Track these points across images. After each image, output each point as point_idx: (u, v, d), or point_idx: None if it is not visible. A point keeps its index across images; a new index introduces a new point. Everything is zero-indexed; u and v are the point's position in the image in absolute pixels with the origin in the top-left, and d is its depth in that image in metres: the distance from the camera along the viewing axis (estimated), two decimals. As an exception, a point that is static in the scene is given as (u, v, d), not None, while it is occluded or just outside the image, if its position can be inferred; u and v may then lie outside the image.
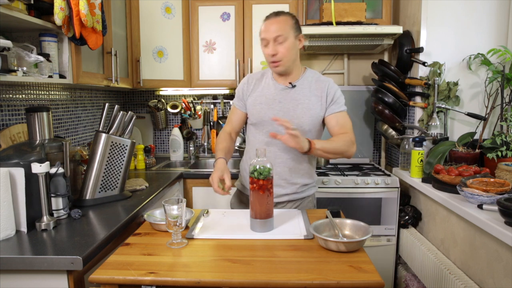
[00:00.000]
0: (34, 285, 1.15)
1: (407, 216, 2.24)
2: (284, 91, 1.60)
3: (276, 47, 1.50)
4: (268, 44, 1.52)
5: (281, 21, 1.50)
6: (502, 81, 1.99)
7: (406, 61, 2.38)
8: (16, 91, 1.75)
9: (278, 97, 1.60)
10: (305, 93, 1.60)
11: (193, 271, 1.06)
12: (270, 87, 1.63)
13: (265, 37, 1.51)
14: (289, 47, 1.51)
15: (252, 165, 1.31)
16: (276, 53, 1.51)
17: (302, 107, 1.58)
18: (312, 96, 1.59)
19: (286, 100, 1.59)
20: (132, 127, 1.77)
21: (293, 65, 1.58)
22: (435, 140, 2.20)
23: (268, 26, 1.51)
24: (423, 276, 1.99)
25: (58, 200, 1.44)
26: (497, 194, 1.56)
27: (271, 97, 1.61)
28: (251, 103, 1.64)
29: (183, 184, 2.44)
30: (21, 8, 1.38)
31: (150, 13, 2.53)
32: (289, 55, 1.53)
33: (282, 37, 1.49)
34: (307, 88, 1.61)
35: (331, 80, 1.64)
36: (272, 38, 1.49)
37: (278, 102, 1.59)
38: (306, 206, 1.69)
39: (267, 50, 1.53)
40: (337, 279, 1.01)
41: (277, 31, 1.48)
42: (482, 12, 2.20)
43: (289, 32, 1.50)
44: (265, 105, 1.60)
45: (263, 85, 1.65)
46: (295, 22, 1.54)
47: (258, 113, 1.61)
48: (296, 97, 1.59)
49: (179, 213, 1.21)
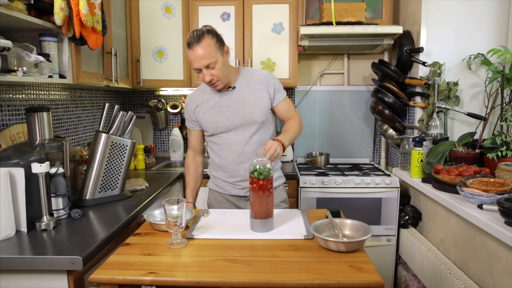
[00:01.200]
0: (34, 285, 1.15)
1: (407, 216, 2.24)
2: (227, 95, 1.67)
3: (209, 72, 1.54)
4: (201, 72, 1.55)
5: (205, 47, 1.49)
6: (502, 81, 1.99)
7: (406, 61, 2.38)
8: (16, 91, 1.75)
9: (224, 103, 1.67)
10: (246, 90, 1.67)
11: (193, 271, 1.07)
12: (213, 96, 1.69)
13: (197, 67, 1.54)
14: (221, 67, 1.56)
15: (252, 165, 1.31)
16: (212, 79, 1.56)
17: (248, 104, 1.65)
18: (254, 91, 1.67)
19: (232, 103, 1.66)
20: (132, 127, 1.77)
21: (228, 76, 1.63)
22: (435, 140, 2.20)
23: (195, 56, 1.51)
24: (423, 276, 1.99)
25: (58, 200, 1.44)
26: (497, 194, 1.56)
27: (217, 105, 1.67)
28: (202, 118, 1.70)
29: (183, 184, 2.44)
30: (21, 8, 1.38)
31: (150, 13, 2.53)
32: (223, 73, 1.58)
33: (212, 63, 1.52)
34: (247, 86, 1.68)
35: (265, 71, 1.72)
36: (203, 66, 1.52)
37: (225, 107, 1.66)
38: (279, 195, 1.79)
39: (202, 76, 1.56)
40: (337, 279, 1.01)
41: (204, 59, 1.50)
42: (482, 12, 2.20)
43: (216, 55, 1.53)
44: (215, 114, 1.67)
45: (205, 98, 1.70)
46: (217, 40, 1.55)
47: (211, 123, 1.68)
48: (240, 97, 1.66)
49: (179, 213, 1.21)
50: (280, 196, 1.81)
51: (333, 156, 2.88)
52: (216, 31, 1.57)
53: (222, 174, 1.75)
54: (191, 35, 1.52)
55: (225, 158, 1.70)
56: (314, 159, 2.79)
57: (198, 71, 1.57)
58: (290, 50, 2.59)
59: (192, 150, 1.83)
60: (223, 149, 1.70)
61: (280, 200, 1.80)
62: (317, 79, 2.94)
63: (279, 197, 1.80)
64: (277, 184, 1.79)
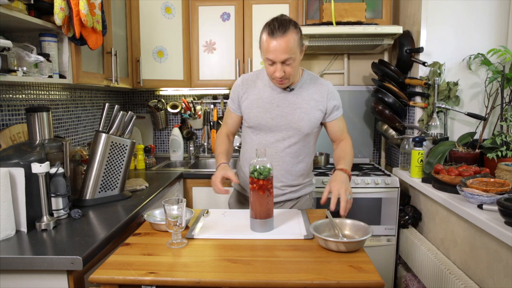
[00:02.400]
0: (34, 285, 1.15)
1: (407, 216, 2.24)
2: (282, 94, 1.55)
3: (284, 68, 1.42)
4: (273, 64, 1.42)
5: (289, 41, 1.36)
6: (502, 81, 1.99)
7: (406, 61, 2.38)
8: (16, 91, 1.75)
9: (276, 101, 1.55)
10: (303, 96, 1.56)
11: (193, 271, 1.07)
12: (267, 90, 1.57)
13: (273, 59, 1.40)
14: (296, 65, 1.45)
15: (252, 165, 1.31)
16: (283, 75, 1.43)
17: (300, 111, 1.54)
18: (311, 100, 1.56)
19: (284, 104, 1.54)
20: (132, 127, 1.77)
21: (296, 76, 1.53)
22: (435, 140, 2.20)
23: (276, 47, 1.37)
24: (423, 276, 1.99)
25: (58, 200, 1.44)
26: (497, 194, 1.56)
27: (268, 100, 1.55)
28: (247, 107, 1.58)
29: (183, 184, 2.44)
30: (21, 8, 1.38)
31: (150, 13, 2.53)
32: (295, 72, 1.47)
33: (290, 59, 1.40)
34: (305, 92, 1.56)
35: (329, 84, 1.61)
36: (281, 60, 1.39)
37: (276, 106, 1.55)
38: (304, 205, 1.69)
39: (272, 70, 1.43)
40: (337, 279, 1.01)
41: (286, 53, 1.37)
42: (482, 12, 2.19)
43: (296, 51, 1.41)
44: (262, 109, 1.55)
45: (259, 88, 1.58)
46: (300, 36, 1.43)
47: (255, 118, 1.57)
48: (295, 100, 1.55)
49: (179, 213, 1.22)
50: (305, 206, 1.69)
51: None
52: (298, 25, 1.43)
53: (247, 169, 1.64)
54: (274, 23, 1.37)
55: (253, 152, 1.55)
56: (314, 159, 2.79)
57: (270, 63, 1.42)
58: (290, 50, 2.59)
59: (226, 128, 1.68)
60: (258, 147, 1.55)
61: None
62: (317, 79, 2.94)
63: (304, 207, 1.68)
64: (303, 193, 1.68)
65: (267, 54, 1.41)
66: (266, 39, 1.40)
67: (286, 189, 1.64)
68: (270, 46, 1.38)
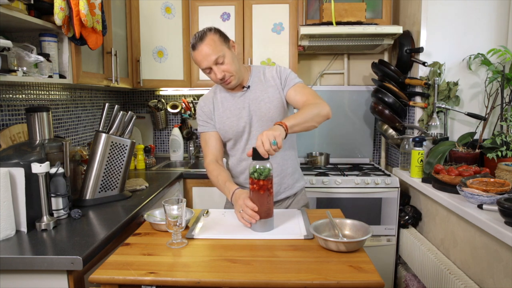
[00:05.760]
0: (34, 285, 1.15)
1: (407, 216, 2.24)
2: (243, 96, 1.59)
3: (220, 68, 1.48)
4: (211, 71, 1.49)
5: (209, 43, 1.44)
6: (502, 81, 1.99)
7: (406, 61, 2.38)
8: (16, 91, 1.75)
9: (241, 104, 1.59)
10: (261, 88, 1.59)
11: (193, 271, 1.06)
12: (228, 98, 1.61)
13: (206, 66, 1.47)
14: (231, 61, 1.49)
15: (252, 166, 1.30)
16: (224, 75, 1.49)
17: (265, 102, 1.57)
18: (268, 88, 1.59)
19: (248, 104, 1.58)
20: (132, 127, 1.77)
21: (240, 72, 1.56)
22: (435, 140, 2.20)
23: (201, 54, 1.45)
24: (423, 276, 1.99)
25: (58, 200, 1.44)
26: (497, 194, 1.56)
27: (234, 107, 1.59)
28: (219, 122, 1.60)
29: (183, 184, 2.44)
30: (21, 8, 1.38)
31: (150, 13, 2.53)
32: (234, 68, 1.50)
33: (221, 57, 1.46)
34: (260, 83, 1.60)
35: (277, 65, 1.64)
36: (212, 63, 1.46)
37: (242, 108, 1.58)
38: (300, 199, 1.72)
39: (214, 76, 1.49)
40: (337, 279, 1.01)
41: (212, 55, 1.44)
42: (482, 12, 2.19)
43: (222, 48, 1.47)
44: (233, 117, 1.58)
45: (220, 101, 1.62)
46: (220, 35, 1.50)
47: (230, 129, 1.59)
48: (256, 95, 1.58)
49: (179, 213, 1.21)
50: (302, 200, 1.72)
51: (333, 156, 2.88)
52: (218, 28, 1.51)
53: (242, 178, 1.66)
54: (194, 37, 1.48)
55: (247, 159, 1.59)
56: (314, 159, 2.79)
57: (209, 71, 1.49)
58: (290, 50, 2.59)
59: (211, 155, 1.62)
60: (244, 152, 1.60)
61: (302, 204, 1.71)
62: (317, 79, 2.94)
63: (301, 202, 1.71)
64: (298, 189, 1.70)
65: (200, 65, 1.48)
66: (193, 53, 1.49)
67: (280, 189, 1.65)
68: (197, 56, 1.47)
